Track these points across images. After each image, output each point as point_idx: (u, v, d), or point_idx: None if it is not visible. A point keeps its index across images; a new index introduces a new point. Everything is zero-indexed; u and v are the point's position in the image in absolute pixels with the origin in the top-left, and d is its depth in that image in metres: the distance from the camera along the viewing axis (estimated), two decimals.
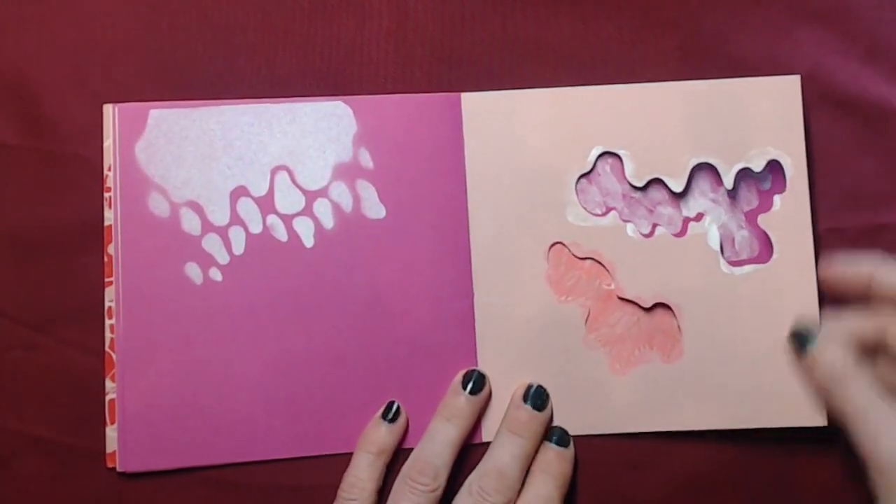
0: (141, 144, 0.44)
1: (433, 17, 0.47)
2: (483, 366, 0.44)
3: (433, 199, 0.45)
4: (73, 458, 0.44)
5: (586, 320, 0.44)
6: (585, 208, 0.45)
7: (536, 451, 0.43)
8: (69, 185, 0.45)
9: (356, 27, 0.47)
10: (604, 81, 0.46)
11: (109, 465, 0.43)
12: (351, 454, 0.43)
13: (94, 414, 0.44)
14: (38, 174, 0.45)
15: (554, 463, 0.42)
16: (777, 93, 0.45)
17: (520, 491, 0.41)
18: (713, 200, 0.45)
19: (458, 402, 0.43)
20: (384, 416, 0.43)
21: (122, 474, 0.43)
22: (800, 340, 0.42)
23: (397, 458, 0.43)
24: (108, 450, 0.44)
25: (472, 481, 0.41)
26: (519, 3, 0.47)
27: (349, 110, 0.45)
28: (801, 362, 0.42)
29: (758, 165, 0.44)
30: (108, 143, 0.45)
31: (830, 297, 0.44)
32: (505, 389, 0.44)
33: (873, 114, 0.46)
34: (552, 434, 0.43)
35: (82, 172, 0.45)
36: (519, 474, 0.41)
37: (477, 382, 0.43)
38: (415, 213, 0.45)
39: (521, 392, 0.43)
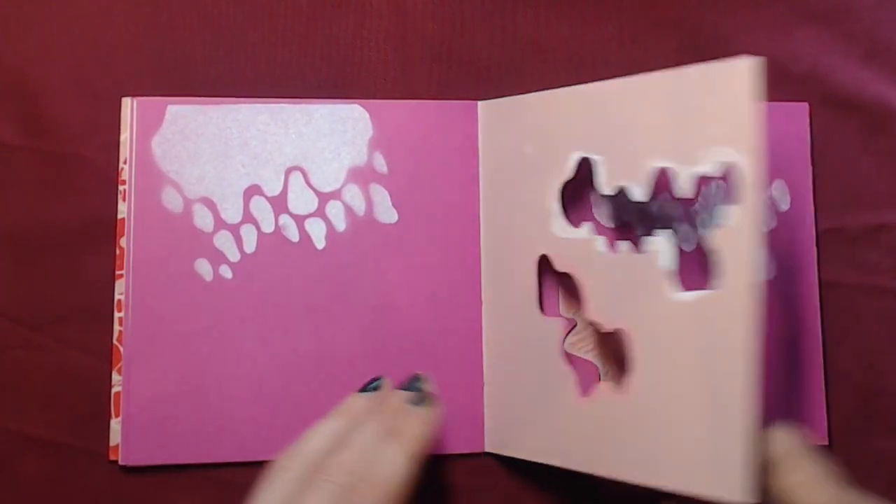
0: (157, 139, 0.44)
1: (433, 17, 0.47)
2: (489, 374, 0.44)
3: (446, 206, 0.45)
4: (73, 459, 0.44)
5: (564, 337, 0.43)
6: (568, 219, 0.42)
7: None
8: (69, 185, 0.45)
9: (356, 27, 0.47)
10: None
11: (111, 458, 0.43)
12: None
13: (94, 414, 0.44)
14: (38, 174, 0.45)
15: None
16: (729, 80, 0.35)
17: None
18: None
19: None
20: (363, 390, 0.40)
21: (123, 471, 0.43)
22: None
23: None
24: (112, 443, 0.43)
25: None
26: (518, 3, 0.47)
27: (366, 114, 0.45)
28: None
29: (712, 169, 0.36)
30: (124, 136, 0.45)
31: None
32: (511, 398, 0.44)
33: (873, 114, 0.46)
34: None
35: (82, 172, 0.45)
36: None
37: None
38: (427, 220, 0.45)
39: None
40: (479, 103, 0.45)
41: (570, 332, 0.44)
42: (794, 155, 0.45)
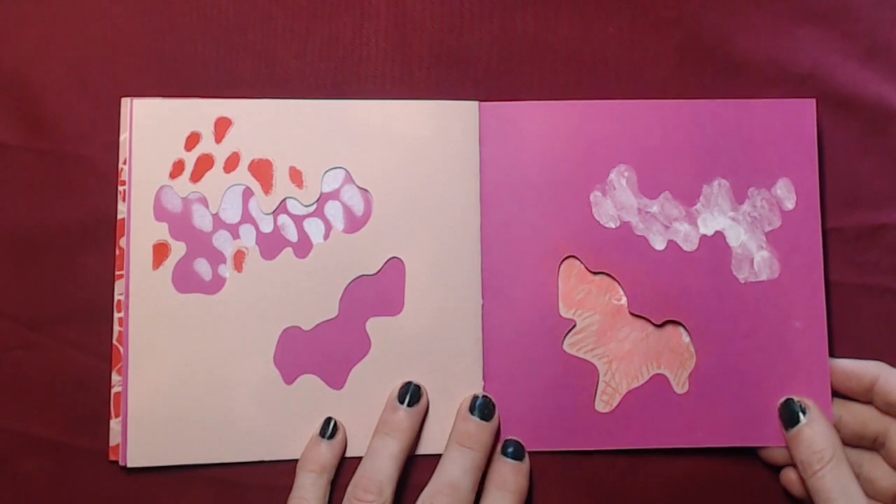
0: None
1: (433, 17, 0.47)
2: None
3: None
4: (73, 458, 0.44)
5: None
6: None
7: (487, 464, 0.42)
8: (69, 185, 0.45)
9: (356, 27, 0.47)
10: (604, 81, 0.46)
11: (111, 458, 0.43)
12: (354, 458, 0.43)
13: (94, 413, 0.44)
14: (38, 174, 0.45)
15: (510, 477, 0.42)
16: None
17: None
18: (732, 219, 0.45)
19: (397, 417, 0.42)
20: (322, 433, 0.43)
21: (123, 471, 0.43)
22: (790, 412, 0.42)
23: (340, 474, 0.43)
24: (112, 443, 0.44)
25: (425, 498, 0.40)
26: (518, 2, 0.47)
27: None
28: (787, 434, 0.42)
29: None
30: (124, 136, 0.45)
31: (835, 393, 0.44)
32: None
33: (873, 114, 0.46)
34: (507, 447, 0.43)
35: (82, 172, 0.45)
36: (472, 486, 0.41)
37: (414, 395, 0.43)
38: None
39: (467, 404, 0.43)
40: (482, 104, 0.45)
41: (569, 331, 0.44)
42: (800, 152, 0.45)
